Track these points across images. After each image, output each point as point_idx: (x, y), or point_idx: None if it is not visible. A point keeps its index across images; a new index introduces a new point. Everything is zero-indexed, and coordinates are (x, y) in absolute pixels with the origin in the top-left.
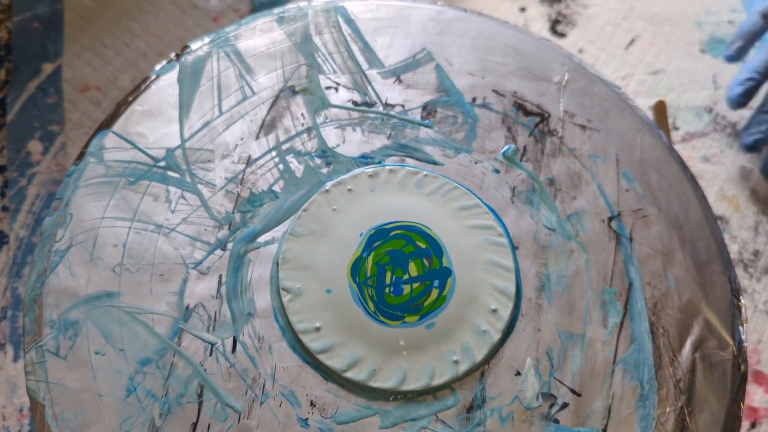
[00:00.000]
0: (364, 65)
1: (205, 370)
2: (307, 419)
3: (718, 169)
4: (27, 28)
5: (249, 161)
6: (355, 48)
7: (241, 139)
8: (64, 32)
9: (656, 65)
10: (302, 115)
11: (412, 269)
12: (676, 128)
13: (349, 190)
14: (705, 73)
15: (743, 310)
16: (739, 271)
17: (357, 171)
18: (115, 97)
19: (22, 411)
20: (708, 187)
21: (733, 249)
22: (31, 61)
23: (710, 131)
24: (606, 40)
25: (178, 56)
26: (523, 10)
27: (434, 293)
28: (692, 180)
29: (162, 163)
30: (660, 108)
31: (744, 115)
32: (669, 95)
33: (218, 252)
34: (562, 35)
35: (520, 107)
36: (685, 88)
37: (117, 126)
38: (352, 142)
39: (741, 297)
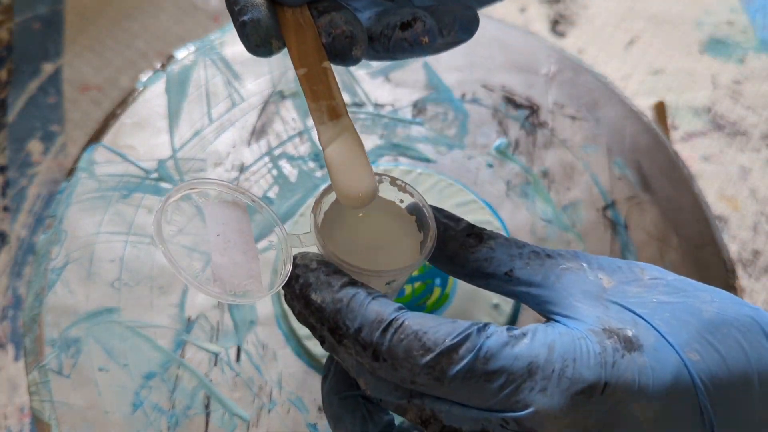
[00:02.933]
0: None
1: (211, 380)
2: (315, 424)
3: (717, 168)
4: (27, 29)
5: (242, 168)
6: None
7: (233, 146)
8: (65, 32)
9: (656, 65)
10: (293, 119)
11: None
12: (676, 128)
13: None
14: (704, 73)
15: (739, 292)
16: (739, 271)
17: None
18: (115, 97)
19: (23, 411)
20: (708, 187)
21: (733, 249)
22: (31, 61)
23: (709, 131)
24: (606, 40)
25: (164, 66)
26: (522, 10)
27: (436, 292)
28: (682, 164)
29: (154, 175)
30: (660, 109)
31: (743, 115)
32: (668, 95)
33: None
34: (561, 35)
35: (510, 101)
36: (685, 88)
37: (106, 139)
38: None
39: (736, 278)
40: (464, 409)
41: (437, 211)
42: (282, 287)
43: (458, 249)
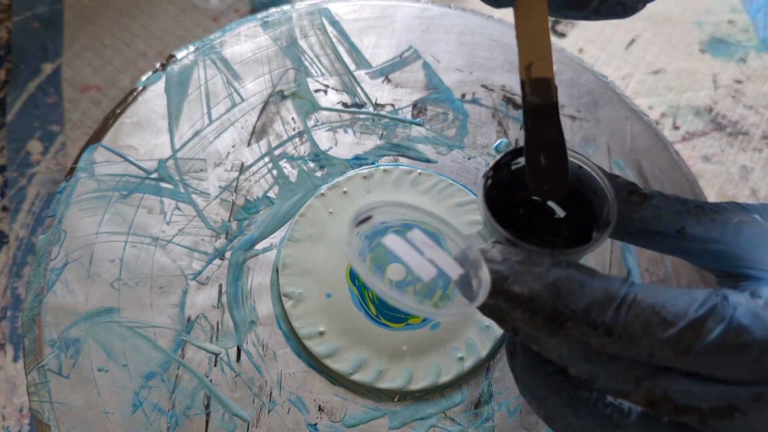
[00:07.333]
0: (352, 66)
1: (211, 381)
2: (316, 424)
3: (718, 168)
4: (27, 28)
5: (242, 168)
6: (341, 49)
7: (233, 146)
8: (64, 32)
9: (656, 65)
10: (293, 119)
11: None
12: (676, 128)
13: (345, 192)
14: (705, 73)
15: None
16: None
17: (351, 173)
18: (115, 97)
19: (22, 411)
20: (708, 187)
21: None
22: (31, 61)
23: (710, 131)
24: (606, 40)
25: (164, 66)
26: None
27: (438, 293)
28: (683, 164)
29: (154, 175)
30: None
31: (744, 114)
32: (669, 95)
33: (217, 261)
34: (562, 35)
35: (510, 101)
36: (685, 88)
37: (106, 139)
38: (344, 144)
39: None
40: (708, 386)
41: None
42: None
43: (621, 209)
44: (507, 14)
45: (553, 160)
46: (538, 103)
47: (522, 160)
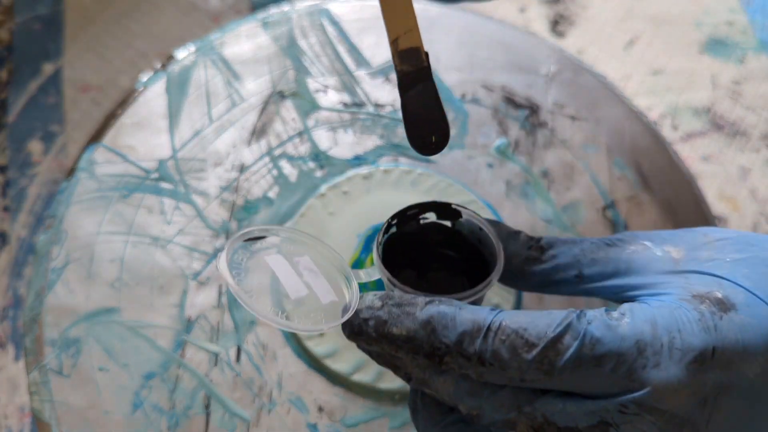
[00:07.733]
0: (352, 66)
1: (211, 381)
2: (316, 424)
3: (717, 168)
4: (28, 29)
5: (242, 168)
6: (341, 49)
7: (233, 146)
8: (65, 33)
9: (655, 65)
10: (293, 119)
11: None
12: (675, 128)
13: (345, 192)
14: (704, 74)
15: None
16: None
17: (351, 173)
18: (115, 97)
19: (23, 410)
20: (707, 187)
21: None
22: (31, 61)
23: (709, 131)
24: (605, 41)
25: (164, 66)
26: (522, 10)
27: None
28: (682, 164)
29: (155, 175)
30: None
31: (742, 115)
32: (668, 95)
33: None
34: (561, 35)
35: (510, 101)
36: (684, 89)
37: (107, 139)
38: (344, 144)
39: None
40: (579, 404)
41: (493, 225)
42: (352, 337)
43: (522, 265)
44: (507, 14)
45: (432, 113)
46: (409, 70)
47: (430, 215)
